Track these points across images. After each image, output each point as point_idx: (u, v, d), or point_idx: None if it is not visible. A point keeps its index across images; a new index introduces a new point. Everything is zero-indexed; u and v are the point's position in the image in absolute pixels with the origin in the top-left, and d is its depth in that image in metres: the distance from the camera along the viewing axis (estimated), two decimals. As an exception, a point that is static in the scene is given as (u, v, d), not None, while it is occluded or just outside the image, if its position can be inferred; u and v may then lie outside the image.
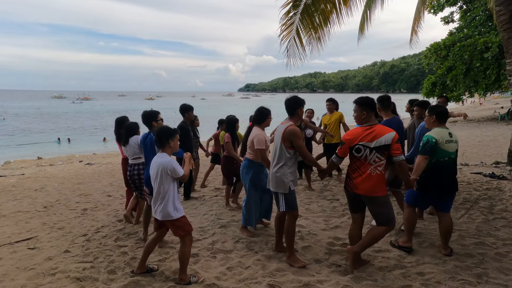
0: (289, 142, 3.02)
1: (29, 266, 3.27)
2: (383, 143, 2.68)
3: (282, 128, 3.08)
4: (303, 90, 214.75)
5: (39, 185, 7.31)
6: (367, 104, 2.82)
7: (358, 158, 2.77)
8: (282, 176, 3.05)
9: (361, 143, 2.73)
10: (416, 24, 7.87)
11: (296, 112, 3.12)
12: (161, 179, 2.74)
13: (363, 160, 2.75)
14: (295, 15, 6.27)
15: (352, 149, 2.79)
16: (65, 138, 22.90)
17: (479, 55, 11.59)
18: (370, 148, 2.70)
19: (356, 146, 2.76)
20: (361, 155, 2.74)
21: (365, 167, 2.74)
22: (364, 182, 2.75)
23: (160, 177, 2.74)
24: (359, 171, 2.78)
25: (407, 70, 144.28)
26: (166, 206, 2.75)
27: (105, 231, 4.18)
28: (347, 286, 2.67)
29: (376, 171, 2.73)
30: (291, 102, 3.12)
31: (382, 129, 2.73)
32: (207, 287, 2.76)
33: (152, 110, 3.77)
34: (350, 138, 2.80)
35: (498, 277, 2.72)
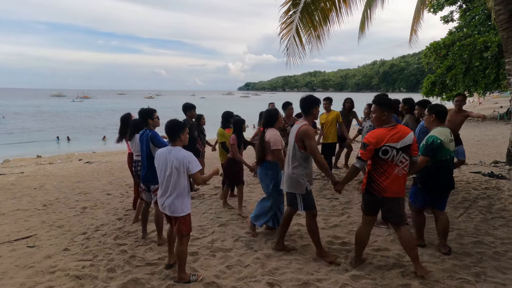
0: (302, 142, 2.97)
1: (28, 264, 3.27)
2: (408, 143, 2.63)
3: (296, 128, 3.03)
4: (302, 89, 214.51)
5: (39, 183, 7.30)
6: (387, 104, 2.72)
7: (384, 160, 2.64)
8: (298, 177, 3.02)
9: (388, 144, 2.61)
10: (415, 23, 7.87)
11: (311, 111, 3.07)
12: (174, 173, 2.69)
13: (390, 162, 2.63)
14: (294, 14, 6.26)
15: (378, 152, 2.65)
16: (64, 136, 22.87)
17: (479, 54, 11.59)
18: (396, 149, 2.61)
19: (382, 148, 2.62)
20: (388, 157, 2.63)
21: (392, 169, 2.64)
22: (393, 184, 2.65)
23: (173, 170, 2.69)
24: (386, 174, 2.65)
25: (407, 69, 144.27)
26: (176, 201, 2.73)
27: (104, 229, 4.18)
28: (346, 285, 2.68)
29: (403, 171, 2.66)
30: (306, 101, 3.07)
31: (405, 129, 2.68)
32: (207, 285, 2.76)
33: (148, 108, 3.80)
34: (375, 140, 2.65)
35: (496, 275, 2.73)
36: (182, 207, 2.76)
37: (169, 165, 2.71)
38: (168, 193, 2.75)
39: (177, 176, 2.71)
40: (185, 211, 2.77)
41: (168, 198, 2.75)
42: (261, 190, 4.62)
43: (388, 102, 2.74)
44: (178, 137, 2.76)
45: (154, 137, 3.61)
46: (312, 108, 3.07)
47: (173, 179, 2.72)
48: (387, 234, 3.67)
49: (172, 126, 2.76)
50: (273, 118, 3.61)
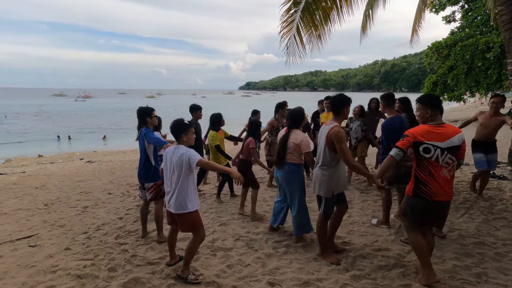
0: (332, 144, 2.88)
1: (29, 263, 3.28)
2: (455, 143, 2.48)
3: (327, 129, 2.93)
4: (304, 88, 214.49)
5: (40, 183, 7.32)
6: (430, 102, 2.58)
7: (427, 159, 2.49)
8: (327, 180, 2.96)
9: (430, 142, 2.47)
10: (417, 23, 7.84)
11: (341, 111, 2.96)
12: (177, 170, 2.73)
13: (434, 162, 2.48)
14: (295, 13, 6.25)
15: (418, 148, 2.51)
16: (65, 135, 22.93)
17: (481, 54, 11.54)
18: (441, 149, 2.46)
19: (424, 145, 2.48)
20: (431, 156, 2.47)
21: (439, 170, 2.49)
22: (442, 186, 2.50)
23: (176, 168, 2.73)
24: (433, 175, 2.50)
25: (408, 69, 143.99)
26: (179, 198, 2.74)
27: (105, 228, 4.19)
28: (346, 285, 2.68)
29: (450, 173, 2.52)
30: (337, 100, 2.96)
31: (454, 129, 2.53)
32: (207, 284, 2.77)
33: (147, 106, 3.85)
34: (416, 132, 2.52)
35: (498, 277, 2.73)
36: (187, 204, 2.75)
37: (172, 163, 2.76)
38: (172, 190, 2.78)
39: (178, 174, 2.73)
40: (189, 207, 2.76)
41: (173, 196, 2.77)
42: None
43: (431, 100, 2.60)
44: (180, 137, 2.78)
45: (146, 133, 3.62)
46: (343, 107, 2.95)
47: (176, 177, 2.75)
48: (387, 234, 3.66)
49: (175, 126, 2.79)
50: (298, 118, 3.46)
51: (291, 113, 3.52)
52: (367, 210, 4.49)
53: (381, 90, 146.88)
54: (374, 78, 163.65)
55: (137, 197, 5.67)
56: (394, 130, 3.72)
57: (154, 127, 4.12)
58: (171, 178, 2.79)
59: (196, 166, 2.71)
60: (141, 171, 3.73)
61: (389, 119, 3.85)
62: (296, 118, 3.45)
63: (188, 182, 2.75)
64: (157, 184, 3.73)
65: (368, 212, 4.43)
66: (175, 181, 2.75)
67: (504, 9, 4.01)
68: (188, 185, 2.75)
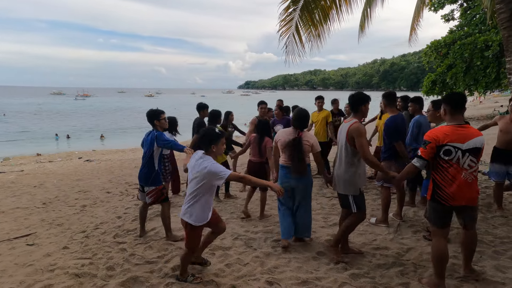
0: (353, 140, 2.86)
1: (27, 262, 3.27)
2: (477, 145, 2.37)
3: (346, 126, 2.93)
4: (303, 87, 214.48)
5: (38, 181, 7.30)
6: (448, 100, 2.49)
7: (448, 162, 2.39)
8: (352, 177, 2.94)
9: (451, 144, 2.35)
10: (415, 22, 7.83)
11: (360, 109, 2.97)
12: (196, 181, 2.55)
13: (455, 165, 2.37)
14: (294, 11, 6.23)
15: (439, 151, 2.40)
16: (63, 134, 22.88)
17: (479, 53, 11.55)
18: (462, 151, 2.35)
19: (444, 147, 2.37)
20: (451, 158, 2.37)
21: (459, 173, 2.37)
22: (461, 190, 2.38)
23: (197, 178, 2.55)
24: (451, 178, 2.39)
25: (407, 68, 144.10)
26: (190, 208, 2.60)
27: (104, 227, 4.18)
28: (345, 284, 2.68)
29: (472, 177, 2.39)
30: (355, 98, 2.98)
31: (474, 130, 2.44)
32: (206, 284, 2.76)
33: (156, 109, 3.72)
34: (437, 137, 2.40)
35: (496, 275, 2.73)
36: (192, 215, 2.59)
37: (193, 172, 2.60)
38: (187, 197, 2.65)
39: (196, 185, 2.56)
40: (192, 220, 2.59)
41: (186, 204, 2.65)
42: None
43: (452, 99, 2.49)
44: (210, 147, 2.56)
45: (158, 136, 3.50)
46: (361, 105, 2.95)
47: (193, 185, 2.60)
48: (386, 233, 3.67)
49: (206, 135, 2.56)
50: (306, 118, 3.40)
51: (299, 114, 3.39)
52: (366, 209, 4.48)
53: (380, 89, 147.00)
54: (373, 77, 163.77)
55: (135, 196, 5.65)
56: (396, 129, 3.75)
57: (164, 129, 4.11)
58: (190, 185, 2.64)
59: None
60: (142, 173, 3.63)
61: (391, 118, 3.86)
62: (304, 118, 3.37)
63: (203, 196, 2.58)
64: (159, 188, 3.62)
65: (367, 211, 4.42)
66: (191, 190, 2.61)
67: (502, 7, 4.00)
68: (202, 199, 2.58)
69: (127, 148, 16.85)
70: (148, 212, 4.67)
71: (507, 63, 4.07)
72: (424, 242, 3.40)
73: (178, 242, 3.60)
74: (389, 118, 3.89)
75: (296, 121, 3.36)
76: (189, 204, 2.61)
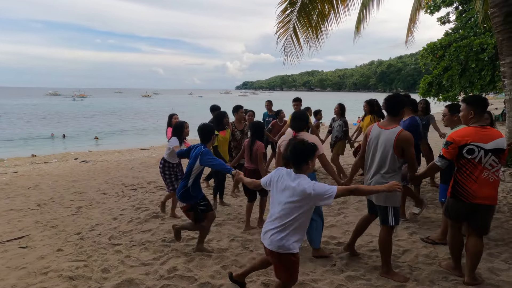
0: (401, 150, 2.68)
1: (20, 265, 3.23)
2: (500, 146, 2.45)
3: (392, 133, 2.69)
4: (300, 88, 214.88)
5: (33, 183, 7.23)
6: (474, 103, 2.57)
7: (469, 160, 2.48)
8: None
9: (474, 143, 2.45)
10: (412, 24, 7.90)
11: (400, 112, 2.82)
12: (300, 206, 2.10)
13: (477, 164, 2.46)
14: (292, 13, 6.25)
15: (462, 150, 2.49)
16: (59, 134, 22.72)
17: (475, 56, 11.66)
18: (485, 150, 2.43)
19: (467, 146, 2.46)
20: (474, 157, 2.46)
21: (480, 172, 2.46)
22: (483, 188, 2.46)
23: (300, 204, 2.10)
24: (472, 177, 2.48)
25: (404, 69, 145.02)
26: (293, 236, 2.13)
27: (99, 229, 4.15)
28: (341, 285, 2.68)
29: (494, 176, 2.47)
30: (395, 102, 2.80)
31: (497, 132, 2.53)
32: (202, 285, 2.75)
33: (210, 124, 3.40)
34: (459, 137, 2.48)
35: (490, 277, 2.74)
36: (295, 241, 2.14)
37: (287, 193, 2.13)
38: (277, 224, 2.13)
39: (294, 210, 2.10)
40: (296, 247, 2.16)
41: (281, 232, 2.12)
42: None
43: (476, 101, 2.58)
44: (305, 163, 2.15)
45: (205, 154, 3.11)
46: (402, 109, 2.82)
47: (288, 211, 2.12)
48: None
49: (303, 151, 2.15)
50: (305, 120, 3.28)
51: (297, 115, 3.33)
52: (363, 211, 4.49)
53: (377, 90, 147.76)
54: (370, 78, 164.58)
55: (132, 197, 5.62)
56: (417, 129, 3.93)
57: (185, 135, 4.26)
58: (283, 211, 2.13)
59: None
60: (179, 186, 3.31)
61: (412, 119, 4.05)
62: (303, 120, 3.26)
63: (306, 219, 2.17)
64: (187, 207, 3.27)
65: (364, 212, 4.43)
66: (289, 217, 2.10)
67: (496, 11, 4.05)
68: (303, 223, 2.15)
69: (123, 149, 16.76)
70: (144, 214, 4.66)
71: (502, 66, 4.11)
72: (420, 244, 3.42)
73: (175, 243, 3.58)
74: (409, 120, 4.02)
75: (292, 122, 3.30)
76: (287, 232, 2.11)
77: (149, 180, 6.85)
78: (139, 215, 4.58)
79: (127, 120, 33.66)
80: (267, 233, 2.19)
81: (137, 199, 5.46)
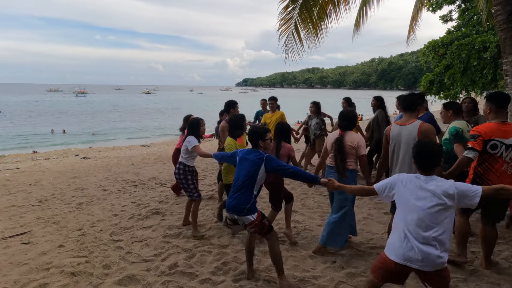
0: None
1: (22, 261, 3.25)
2: None
3: (413, 127, 2.80)
4: (301, 85, 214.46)
5: (34, 179, 7.25)
6: (491, 99, 2.72)
7: (492, 155, 2.64)
8: None
9: (497, 138, 2.61)
10: (413, 22, 7.85)
11: (417, 109, 2.99)
12: (445, 209, 1.90)
13: (498, 158, 2.63)
14: (293, 10, 6.22)
15: (486, 145, 2.63)
16: (59, 129, 22.75)
17: (477, 54, 11.61)
18: (506, 145, 2.60)
19: (491, 142, 2.62)
20: (496, 151, 2.62)
21: (500, 165, 2.63)
22: (502, 180, 2.57)
23: (445, 206, 1.89)
24: (493, 170, 2.66)
25: (405, 67, 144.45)
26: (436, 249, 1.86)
27: (100, 225, 4.16)
28: (341, 282, 2.69)
29: (511, 169, 2.63)
30: (413, 99, 2.95)
31: None
32: (202, 282, 2.76)
33: (261, 127, 3.07)
34: (485, 131, 2.62)
35: (491, 275, 2.75)
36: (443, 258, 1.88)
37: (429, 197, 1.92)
38: (430, 238, 1.86)
39: (440, 216, 1.89)
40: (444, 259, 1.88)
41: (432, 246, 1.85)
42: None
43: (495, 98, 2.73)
44: (437, 167, 2.02)
45: (271, 161, 2.68)
46: (419, 105, 3.02)
47: (433, 219, 1.89)
48: (383, 232, 3.68)
49: (439, 154, 2.01)
50: (353, 119, 3.21)
51: (345, 114, 3.23)
52: (363, 208, 4.50)
53: (377, 88, 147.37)
54: (371, 76, 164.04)
55: (132, 194, 5.64)
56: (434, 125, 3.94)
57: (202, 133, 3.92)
58: (425, 221, 1.89)
59: None
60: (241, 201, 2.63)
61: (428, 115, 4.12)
62: (350, 119, 3.19)
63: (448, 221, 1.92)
64: (259, 217, 2.65)
65: (364, 209, 4.45)
66: (435, 228, 1.87)
67: (500, 9, 4.02)
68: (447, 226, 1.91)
69: (124, 145, 16.77)
70: (145, 210, 4.67)
71: (504, 65, 4.09)
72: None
73: (176, 240, 3.59)
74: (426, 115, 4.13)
75: (339, 121, 3.22)
76: (436, 243, 1.86)
77: (149, 177, 6.86)
78: (140, 212, 4.60)
79: (129, 116, 33.66)
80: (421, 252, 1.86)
81: (138, 196, 5.47)
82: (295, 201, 4.75)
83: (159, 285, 2.73)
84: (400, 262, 1.90)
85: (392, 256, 1.93)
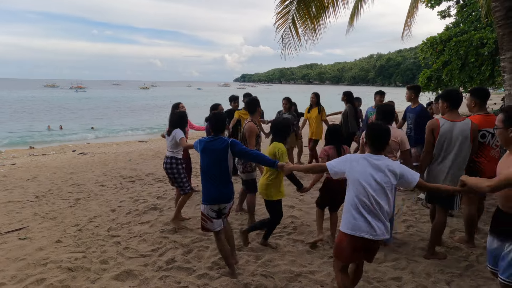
0: (474, 138, 2.93)
1: (19, 256, 3.24)
2: None
3: (465, 125, 2.88)
4: (299, 81, 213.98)
5: (31, 175, 7.22)
6: (475, 93, 3.12)
7: (481, 143, 3.05)
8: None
9: (485, 129, 3.02)
10: (409, 18, 7.82)
11: (459, 105, 3.06)
12: (392, 188, 2.15)
13: (486, 145, 3.06)
14: (291, 4, 6.17)
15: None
16: (56, 125, 22.61)
17: (475, 50, 11.60)
18: (492, 134, 3.00)
19: (481, 132, 3.02)
20: (486, 140, 3.06)
21: (489, 151, 3.06)
22: (491, 164, 2.90)
23: (391, 185, 2.14)
24: (484, 156, 3.08)
25: (403, 63, 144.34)
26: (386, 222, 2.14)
27: (97, 221, 4.16)
28: (338, 277, 2.71)
29: (497, 154, 3.05)
30: (460, 95, 3.09)
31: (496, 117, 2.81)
32: (200, 277, 2.77)
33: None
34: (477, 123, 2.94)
35: (485, 270, 2.78)
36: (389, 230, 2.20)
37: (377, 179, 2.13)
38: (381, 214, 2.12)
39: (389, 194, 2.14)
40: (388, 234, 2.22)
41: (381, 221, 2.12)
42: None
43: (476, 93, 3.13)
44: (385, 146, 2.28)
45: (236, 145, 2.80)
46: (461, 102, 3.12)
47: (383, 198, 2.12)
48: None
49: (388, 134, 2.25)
50: (392, 114, 3.18)
51: (384, 108, 3.18)
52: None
53: (376, 84, 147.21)
54: (369, 72, 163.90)
55: (130, 189, 5.63)
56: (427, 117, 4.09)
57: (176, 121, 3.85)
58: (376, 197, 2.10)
59: None
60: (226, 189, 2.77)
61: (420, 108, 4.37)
62: (390, 114, 3.15)
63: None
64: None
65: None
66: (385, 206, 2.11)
67: (498, 5, 4.01)
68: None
69: (122, 141, 16.71)
70: (142, 205, 4.67)
71: (502, 61, 4.09)
72: (417, 237, 3.45)
73: (174, 235, 3.60)
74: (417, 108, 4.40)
75: (377, 115, 3.20)
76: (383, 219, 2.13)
77: (147, 172, 6.85)
78: (137, 207, 4.59)
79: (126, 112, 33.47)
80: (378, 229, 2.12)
81: (135, 191, 5.47)
82: (293, 197, 4.77)
83: (156, 280, 2.74)
84: (355, 234, 2.10)
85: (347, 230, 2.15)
